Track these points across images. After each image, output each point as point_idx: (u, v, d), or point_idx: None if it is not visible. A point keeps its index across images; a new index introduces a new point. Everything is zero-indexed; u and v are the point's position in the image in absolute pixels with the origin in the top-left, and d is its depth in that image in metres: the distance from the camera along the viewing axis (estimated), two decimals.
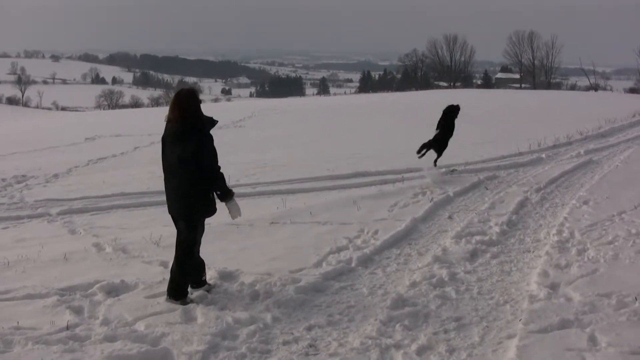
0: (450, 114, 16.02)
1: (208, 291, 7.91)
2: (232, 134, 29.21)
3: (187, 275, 7.75)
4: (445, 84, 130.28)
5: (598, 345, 6.16)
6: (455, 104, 16.32)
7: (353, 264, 9.01)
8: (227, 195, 7.76)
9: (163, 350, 6.31)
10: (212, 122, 7.60)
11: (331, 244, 9.96)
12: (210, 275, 8.38)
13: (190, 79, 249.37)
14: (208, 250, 8.56)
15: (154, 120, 39.16)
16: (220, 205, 7.86)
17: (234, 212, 7.92)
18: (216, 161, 7.58)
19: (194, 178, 7.47)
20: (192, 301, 7.65)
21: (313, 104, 57.94)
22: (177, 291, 7.66)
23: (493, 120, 32.65)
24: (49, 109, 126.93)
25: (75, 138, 28.65)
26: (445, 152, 16.11)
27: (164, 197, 7.89)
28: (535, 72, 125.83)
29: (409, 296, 7.75)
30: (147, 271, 8.82)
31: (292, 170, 17.30)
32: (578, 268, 8.57)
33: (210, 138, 7.52)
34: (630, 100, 47.18)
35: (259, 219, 11.80)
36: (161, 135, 7.67)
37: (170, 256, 8.04)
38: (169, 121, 7.60)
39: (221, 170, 7.68)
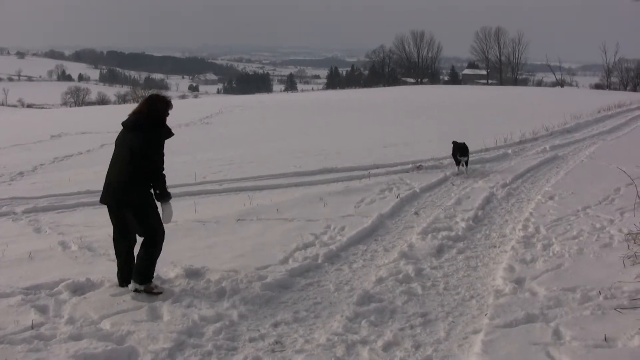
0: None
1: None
2: (199, 131, 29.11)
3: (153, 262, 7.83)
4: (412, 80, 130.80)
5: (562, 339, 6.21)
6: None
7: (319, 261, 9.02)
8: (164, 196, 7.86)
9: (129, 348, 6.27)
10: (166, 130, 7.80)
11: (298, 241, 9.96)
12: (176, 272, 8.39)
13: (157, 76, 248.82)
14: (174, 247, 8.54)
15: (121, 117, 38.94)
16: (185, 204, 7.85)
17: (167, 215, 8.01)
18: (161, 161, 7.69)
19: (138, 170, 7.55)
20: (156, 286, 7.76)
21: (280, 101, 57.86)
22: (143, 275, 7.73)
23: (459, 116, 32.84)
24: (15, 106, 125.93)
25: (41, 135, 28.32)
26: (413, 148, 16.07)
27: None
28: (502, 68, 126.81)
29: (375, 292, 7.76)
30: (113, 269, 8.70)
31: (259, 167, 17.27)
32: (543, 263, 8.65)
33: (158, 138, 7.65)
34: (596, 96, 47.71)
35: (226, 216, 11.76)
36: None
37: (135, 253, 7.98)
38: (132, 113, 7.83)
39: (164, 172, 7.82)
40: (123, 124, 7.88)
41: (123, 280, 7.95)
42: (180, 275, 8.38)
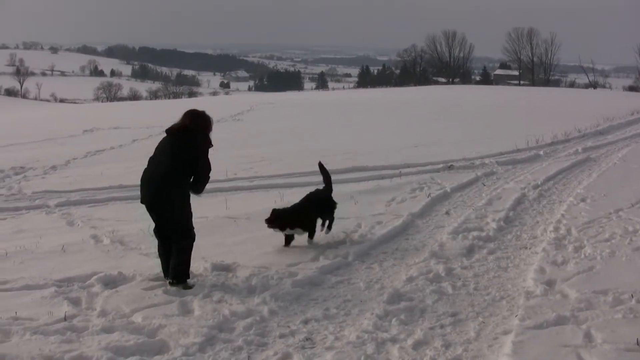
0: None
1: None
2: (230, 128, 29.18)
3: (187, 261, 7.98)
4: (444, 80, 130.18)
5: (594, 341, 6.17)
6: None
7: (350, 258, 9.05)
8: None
9: (160, 342, 6.33)
10: (208, 140, 8.18)
11: (328, 238, 9.98)
12: (207, 267, 8.49)
13: (188, 72, 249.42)
14: (205, 242, 8.58)
15: (152, 113, 39.17)
16: (216, 200, 7.93)
17: None
18: (208, 166, 8.14)
19: (176, 170, 7.95)
20: (193, 286, 7.86)
21: (311, 99, 57.81)
22: (179, 276, 7.88)
23: (491, 116, 32.62)
24: (48, 100, 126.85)
25: (74, 130, 28.57)
26: (444, 148, 15.99)
27: None
28: (534, 69, 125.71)
29: (406, 291, 7.76)
30: (144, 263, 8.84)
31: (290, 164, 17.28)
32: (575, 265, 8.59)
33: (206, 152, 8.10)
34: (629, 98, 47.25)
35: (256, 212, 11.76)
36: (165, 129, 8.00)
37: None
38: (179, 125, 8.11)
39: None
40: (167, 130, 8.17)
41: (166, 273, 8.11)
42: (210, 270, 8.46)
